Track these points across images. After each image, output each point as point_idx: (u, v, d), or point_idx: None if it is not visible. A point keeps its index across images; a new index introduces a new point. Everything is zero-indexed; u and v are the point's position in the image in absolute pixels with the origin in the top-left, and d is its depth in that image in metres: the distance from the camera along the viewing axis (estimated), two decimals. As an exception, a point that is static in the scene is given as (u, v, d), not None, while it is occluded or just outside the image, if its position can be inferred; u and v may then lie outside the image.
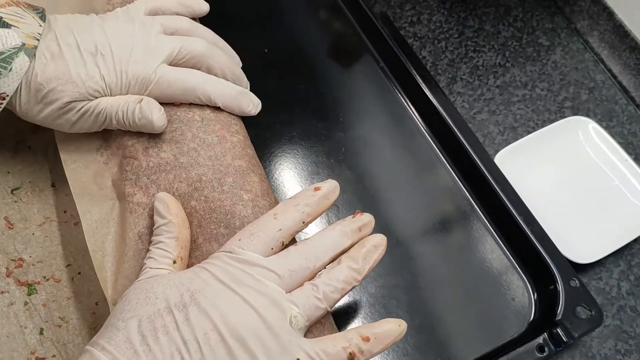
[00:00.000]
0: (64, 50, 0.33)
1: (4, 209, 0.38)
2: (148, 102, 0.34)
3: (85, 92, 0.33)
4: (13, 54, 0.31)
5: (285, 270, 0.29)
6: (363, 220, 0.32)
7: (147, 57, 0.34)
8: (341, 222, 0.32)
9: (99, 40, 0.34)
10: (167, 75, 0.35)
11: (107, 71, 0.33)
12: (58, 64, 0.32)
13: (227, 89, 0.37)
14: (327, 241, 0.31)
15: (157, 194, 0.32)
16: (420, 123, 0.51)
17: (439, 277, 0.44)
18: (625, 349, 0.44)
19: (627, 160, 0.50)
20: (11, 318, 0.35)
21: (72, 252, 0.38)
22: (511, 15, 0.60)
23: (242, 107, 0.38)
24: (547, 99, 0.55)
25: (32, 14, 0.33)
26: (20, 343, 0.34)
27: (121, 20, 0.36)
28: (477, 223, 0.47)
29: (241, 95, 0.38)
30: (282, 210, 0.31)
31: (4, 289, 0.36)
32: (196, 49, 0.36)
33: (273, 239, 0.30)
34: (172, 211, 0.31)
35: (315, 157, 0.48)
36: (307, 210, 0.31)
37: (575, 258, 0.45)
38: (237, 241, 0.30)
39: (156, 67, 0.35)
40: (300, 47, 0.54)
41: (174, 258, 0.30)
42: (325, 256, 0.30)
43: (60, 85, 0.32)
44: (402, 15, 0.58)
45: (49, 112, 0.33)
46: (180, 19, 0.38)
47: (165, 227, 0.31)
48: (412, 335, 0.42)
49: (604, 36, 0.58)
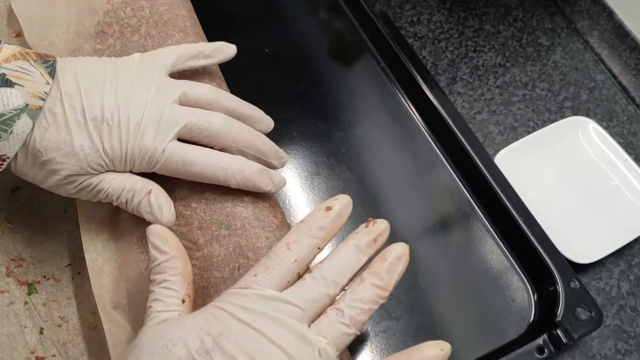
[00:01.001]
0: (68, 116, 0.30)
1: (4, 208, 0.38)
2: (157, 197, 0.32)
3: (87, 166, 0.31)
4: (15, 115, 0.29)
5: (306, 301, 0.27)
6: (378, 229, 0.30)
7: (157, 132, 0.31)
8: (354, 236, 0.30)
9: (107, 106, 0.31)
10: (175, 156, 0.32)
11: (110, 145, 0.31)
12: (60, 131, 0.30)
13: (241, 169, 0.33)
14: (343, 262, 0.29)
15: (150, 228, 0.29)
16: (420, 123, 0.51)
17: (439, 278, 0.44)
18: (626, 349, 0.44)
19: (627, 160, 0.50)
20: (11, 317, 0.35)
21: (72, 252, 0.38)
22: (511, 15, 0.60)
23: (258, 186, 0.34)
24: (547, 99, 0.55)
25: (41, 69, 0.30)
26: (20, 342, 0.34)
27: (136, 80, 0.32)
28: (477, 223, 0.47)
29: (258, 174, 0.33)
30: (295, 238, 0.29)
31: (4, 288, 0.36)
32: (211, 127, 0.33)
33: (289, 271, 0.28)
34: (172, 245, 0.29)
35: (315, 157, 0.48)
36: (321, 235, 0.29)
37: (575, 258, 0.45)
38: (253, 277, 0.28)
39: (165, 144, 0.31)
40: (301, 47, 0.54)
41: (182, 297, 0.28)
42: (344, 279, 0.28)
43: (61, 156, 0.30)
44: (402, 15, 0.58)
45: (46, 180, 0.31)
46: (202, 88, 0.34)
47: (168, 264, 0.28)
48: (412, 335, 0.42)
49: (604, 36, 0.58)
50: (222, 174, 0.32)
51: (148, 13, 0.39)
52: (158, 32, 0.38)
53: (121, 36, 0.38)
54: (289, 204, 0.45)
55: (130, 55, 0.34)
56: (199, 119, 0.33)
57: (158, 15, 0.39)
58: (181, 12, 0.40)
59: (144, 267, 0.33)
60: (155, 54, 0.34)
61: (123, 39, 0.38)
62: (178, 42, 0.39)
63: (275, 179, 0.34)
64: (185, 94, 0.33)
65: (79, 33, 0.39)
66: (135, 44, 0.38)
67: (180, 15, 0.40)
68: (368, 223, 0.30)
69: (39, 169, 0.31)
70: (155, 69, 0.33)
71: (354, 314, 0.27)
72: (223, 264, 0.32)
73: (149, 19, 0.39)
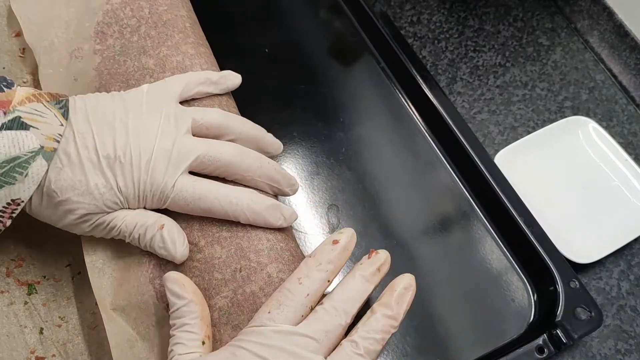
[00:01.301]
0: (81, 155, 0.30)
1: (4, 208, 0.38)
2: (170, 232, 0.32)
3: (103, 205, 0.31)
4: (30, 158, 0.29)
5: (321, 333, 0.28)
6: (380, 259, 0.32)
7: (167, 166, 0.31)
8: (359, 268, 0.31)
9: (119, 143, 0.31)
10: (185, 192, 0.32)
11: (124, 182, 0.31)
12: (75, 171, 0.30)
13: (251, 204, 0.33)
14: (352, 292, 0.30)
15: (167, 275, 0.30)
16: (420, 123, 0.51)
17: (439, 278, 0.44)
18: (626, 349, 0.44)
19: (627, 160, 0.50)
20: (11, 317, 0.35)
21: (72, 252, 0.38)
22: (511, 15, 0.60)
23: (268, 221, 0.33)
24: (547, 99, 0.55)
25: (54, 110, 0.31)
26: (20, 342, 0.34)
27: (145, 114, 0.32)
28: (477, 223, 0.47)
29: (268, 209, 0.33)
30: (306, 273, 0.30)
31: (4, 288, 0.36)
32: (222, 157, 0.33)
33: (302, 305, 0.29)
34: (189, 289, 0.30)
35: (315, 157, 0.48)
36: (330, 268, 0.31)
37: (575, 258, 0.45)
38: (267, 314, 0.29)
39: (176, 179, 0.31)
40: (301, 47, 0.54)
41: (202, 338, 0.29)
42: (354, 308, 0.30)
43: (76, 196, 0.30)
44: (402, 15, 0.58)
45: (62, 220, 0.32)
46: (212, 113, 0.34)
47: (187, 308, 0.29)
48: (412, 335, 0.42)
49: (604, 36, 0.58)
50: (232, 209, 0.32)
51: (147, 13, 0.39)
52: (157, 32, 0.38)
53: (120, 36, 0.38)
54: (289, 204, 0.45)
55: (139, 87, 0.34)
56: (209, 149, 0.32)
57: (157, 15, 0.39)
58: (180, 13, 0.40)
59: (145, 269, 0.33)
60: (163, 84, 0.35)
61: (122, 40, 0.38)
62: (177, 43, 0.39)
63: (286, 213, 0.34)
64: (195, 120, 0.33)
65: (78, 33, 0.39)
66: (134, 45, 0.38)
67: (179, 16, 0.40)
68: (370, 254, 0.32)
69: (54, 209, 0.31)
70: (164, 99, 0.34)
71: (368, 344, 0.28)
72: (224, 265, 0.32)
73: (149, 20, 0.39)
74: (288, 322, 0.29)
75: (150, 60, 0.37)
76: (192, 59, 0.38)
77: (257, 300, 0.31)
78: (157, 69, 0.37)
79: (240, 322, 0.31)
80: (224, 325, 0.31)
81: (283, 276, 0.32)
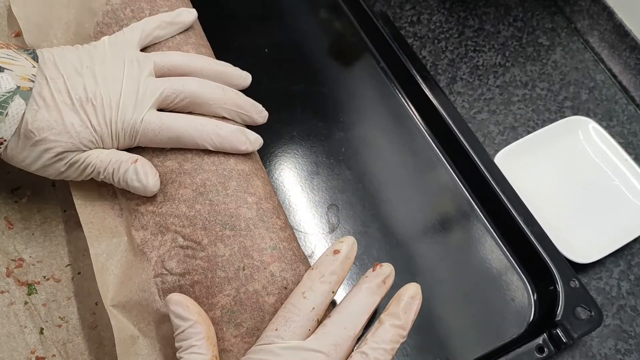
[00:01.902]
0: (56, 98, 0.32)
1: (4, 208, 0.38)
2: (143, 165, 0.33)
3: (79, 142, 0.32)
4: (8, 98, 0.30)
5: (330, 347, 0.29)
6: (385, 272, 0.32)
7: (135, 103, 0.33)
8: (365, 280, 0.32)
9: (89, 87, 0.33)
10: (153, 123, 0.34)
11: (97, 122, 0.33)
12: (51, 112, 0.31)
13: (216, 129, 0.35)
14: (359, 304, 0.31)
15: (170, 297, 0.30)
16: (420, 123, 0.51)
17: (439, 277, 0.44)
18: (626, 349, 0.44)
19: (627, 160, 0.50)
20: (11, 318, 0.35)
21: (72, 252, 0.38)
22: (511, 15, 0.60)
23: (235, 145, 0.35)
24: (547, 99, 0.55)
25: (24, 55, 0.32)
26: (20, 342, 0.34)
27: (109, 61, 0.34)
28: (477, 223, 0.47)
29: (234, 133, 0.35)
30: (310, 286, 0.31)
31: (4, 288, 0.36)
32: (185, 89, 0.35)
33: (309, 320, 0.30)
34: (193, 310, 0.30)
35: (315, 157, 0.48)
36: (334, 279, 0.31)
37: (575, 258, 0.45)
38: (275, 331, 0.29)
39: (144, 114, 0.33)
40: (301, 47, 0.54)
41: (210, 359, 0.29)
42: (362, 320, 0.30)
43: (53, 135, 0.31)
44: (402, 15, 0.58)
45: (37, 161, 0.32)
46: (173, 55, 0.36)
47: (192, 330, 0.29)
48: (412, 335, 0.42)
49: (604, 36, 0.58)
50: (199, 135, 0.34)
51: (148, 14, 0.39)
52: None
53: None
54: (289, 204, 0.46)
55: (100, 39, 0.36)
56: (172, 84, 0.34)
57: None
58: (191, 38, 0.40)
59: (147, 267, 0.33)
60: (121, 34, 0.36)
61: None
62: (179, 44, 0.39)
63: (252, 137, 0.36)
64: (156, 63, 0.35)
65: (78, 34, 0.39)
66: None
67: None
68: (375, 267, 0.32)
69: (31, 149, 0.32)
70: (125, 47, 0.35)
71: (378, 355, 0.29)
72: (228, 263, 0.32)
73: (149, 20, 0.39)
74: (296, 337, 0.29)
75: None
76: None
77: (259, 299, 0.31)
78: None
79: (242, 320, 0.31)
80: (226, 323, 0.31)
81: (286, 275, 0.32)
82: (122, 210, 0.36)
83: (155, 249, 0.33)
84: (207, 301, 0.32)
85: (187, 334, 0.29)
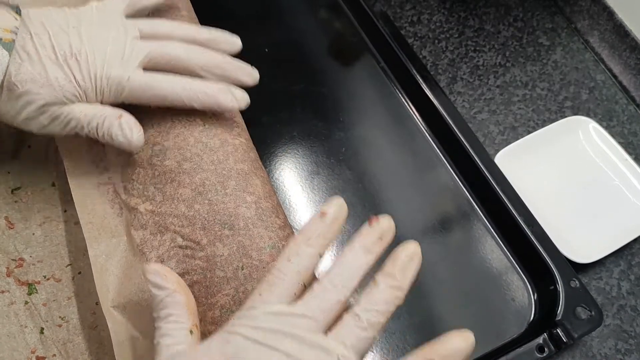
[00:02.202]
0: (40, 53, 0.32)
1: (5, 208, 0.38)
2: (128, 121, 0.34)
3: (62, 95, 0.32)
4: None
5: (318, 311, 0.27)
6: (382, 227, 0.29)
7: (121, 63, 0.33)
8: (359, 237, 0.29)
9: (74, 44, 0.33)
10: (139, 81, 0.34)
11: (81, 76, 0.33)
12: (34, 65, 0.31)
13: (202, 87, 0.35)
14: (351, 265, 0.28)
15: (146, 267, 0.29)
16: (420, 123, 0.51)
17: (439, 277, 0.44)
18: (626, 349, 0.44)
19: (628, 160, 0.50)
20: (11, 317, 0.35)
21: (73, 252, 0.38)
22: (511, 15, 0.60)
23: (221, 103, 0.35)
24: (548, 99, 0.55)
25: (6, 8, 0.32)
26: (20, 342, 0.34)
27: (96, 24, 0.34)
28: (477, 223, 0.47)
29: (220, 91, 0.35)
30: (295, 250, 0.28)
31: (5, 288, 0.36)
32: (172, 51, 0.35)
33: (294, 283, 0.27)
34: (171, 279, 0.28)
35: (315, 157, 0.48)
36: (321, 242, 0.28)
37: (576, 258, 0.45)
38: (258, 296, 0.27)
39: (130, 72, 0.33)
40: (301, 46, 0.54)
41: (189, 327, 0.27)
42: (354, 282, 0.28)
43: (36, 87, 0.31)
44: (402, 15, 0.58)
45: (20, 114, 0.32)
46: (159, 22, 0.37)
47: (170, 298, 0.28)
48: (412, 335, 0.42)
49: (604, 36, 0.58)
50: (185, 94, 0.34)
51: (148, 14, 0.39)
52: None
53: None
54: (289, 204, 0.46)
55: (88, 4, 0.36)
56: (159, 46, 0.35)
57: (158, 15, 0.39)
58: (181, 13, 0.41)
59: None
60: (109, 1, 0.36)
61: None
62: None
63: (238, 94, 0.36)
64: (142, 30, 0.35)
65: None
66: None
67: (179, 16, 0.40)
68: (371, 221, 0.29)
69: (14, 102, 0.32)
70: (112, 13, 0.35)
71: (371, 317, 0.26)
72: (227, 263, 0.32)
73: (149, 19, 0.39)
74: (281, 302, 0.27)
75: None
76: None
77: (258, 299, 0.31)
78: (158, 69, 0.37)
79: None
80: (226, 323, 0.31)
81: None
82: (122, 209, 0.36)
83: (155, 249, 0.33)
84: (206, 301, 0.31)
85: (165, 303, 0.28)
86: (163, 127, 0.36)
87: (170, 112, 0.36)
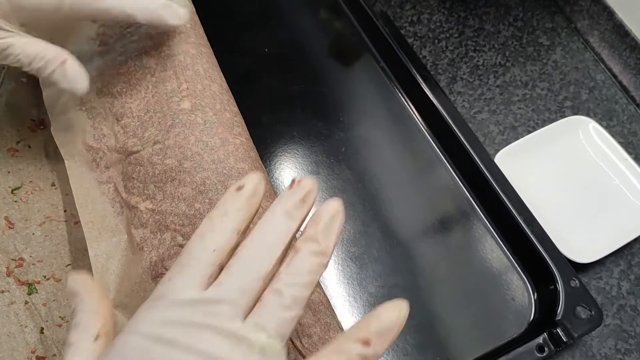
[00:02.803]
0: None
1: (4, 208, 0.38)
2: (72, 66, 0.32)
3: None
4: None
5: (235, 293, 0.23)
6: (305, 188, 0.25)
7: None
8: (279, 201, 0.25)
9: None
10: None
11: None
12: None
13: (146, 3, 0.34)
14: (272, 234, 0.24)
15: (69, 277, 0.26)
16: (420, 123, 0.51)
17: (439, 277, 0.44)
18: (626, 349, 0.44)
19: (628, 159, 0.50)
20: (11, 317, 0.35)
21: (73, 252, 0.38)
22: (511, 14, 0.60)
23: (165, 20, 0.35)
24: (548, 99, 0.55)
25: None
26: (20, 342, 0.34)
27: None
28: (477, 223, 0.47)
29: (164, 8, 0.35)
30: (210, 226, 0.25)
31: (5, 288, 0.36)
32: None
33: (209, 264, 0.24)
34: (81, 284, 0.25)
35: (315, 157, 0.48)
36: (240, 216, 0.25)
37: (576, 257, 0.45)
38: (168, 282, 0.24)
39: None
40: (301, 46, 0.54)
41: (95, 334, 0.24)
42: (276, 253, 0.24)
43: None
44: (402, 15, 0.58)
45: None
46: None
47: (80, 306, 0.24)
48: (412, 334, 0.42)
49: (604, 36, 0.58)
50: (129, 7, 0.33)
51: None
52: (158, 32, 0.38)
53: (121, 37, 0.38)
54: (289, 204, 0.45)
55: None
56: None
57: None
58: None
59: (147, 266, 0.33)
60: None
61: (124, 40, 0.38)
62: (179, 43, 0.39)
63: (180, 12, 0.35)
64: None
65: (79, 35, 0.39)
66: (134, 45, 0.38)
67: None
68: (292, 184, 0.26)
69: None
70: None
71: (295, 292, 0.23)
72: None
73: (149, 19, 0.39)
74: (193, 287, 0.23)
75: (152, 60, 0.38)
76: (193, 58, 0.38)
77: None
78: (159, 68, 0.37)
79: None
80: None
81: None
82: (122, 208, 0.36)
83: (155, 247, 0.33)
84: None
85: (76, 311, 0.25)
86: (163, 125, 0.36)
87: (171, 111, 0.36)
